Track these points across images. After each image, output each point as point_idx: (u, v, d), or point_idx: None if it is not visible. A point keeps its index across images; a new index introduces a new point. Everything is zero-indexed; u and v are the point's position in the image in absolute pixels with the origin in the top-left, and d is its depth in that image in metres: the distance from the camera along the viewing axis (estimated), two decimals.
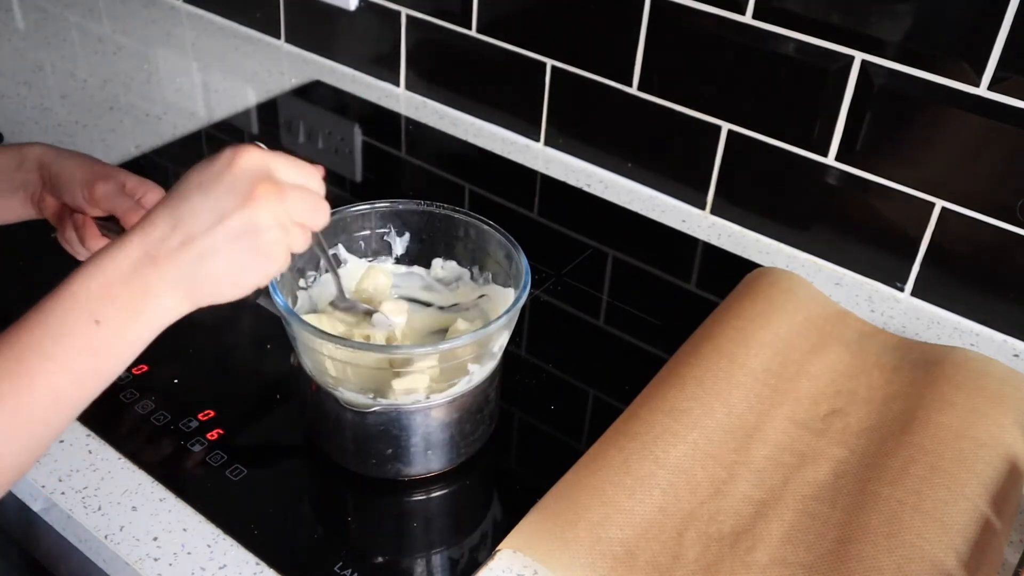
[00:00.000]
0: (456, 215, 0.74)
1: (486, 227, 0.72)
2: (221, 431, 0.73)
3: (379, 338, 0.71)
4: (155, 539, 0.65)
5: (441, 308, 0.76)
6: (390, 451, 0.68)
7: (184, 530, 0.66)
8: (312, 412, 0.71)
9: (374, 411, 0.66)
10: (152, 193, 0.71)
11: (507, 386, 0.76)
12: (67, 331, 0.51)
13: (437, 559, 0.67)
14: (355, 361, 0.66)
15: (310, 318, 0.69)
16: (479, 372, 0.67)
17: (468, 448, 0.71)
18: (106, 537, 0.65)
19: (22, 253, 0.88)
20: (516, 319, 0.67)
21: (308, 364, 0.67)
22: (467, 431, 0.70)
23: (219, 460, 0.71)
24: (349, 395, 0.66)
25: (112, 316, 0.52)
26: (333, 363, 0.66)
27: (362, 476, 0.70)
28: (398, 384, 0.65)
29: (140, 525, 0.66)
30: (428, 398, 0.66)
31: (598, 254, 0.97)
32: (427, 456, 0.69)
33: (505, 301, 0.71)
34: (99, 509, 0.67)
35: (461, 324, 0.73)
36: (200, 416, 0.74)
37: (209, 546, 0.65)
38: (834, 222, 0.95)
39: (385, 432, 0.67)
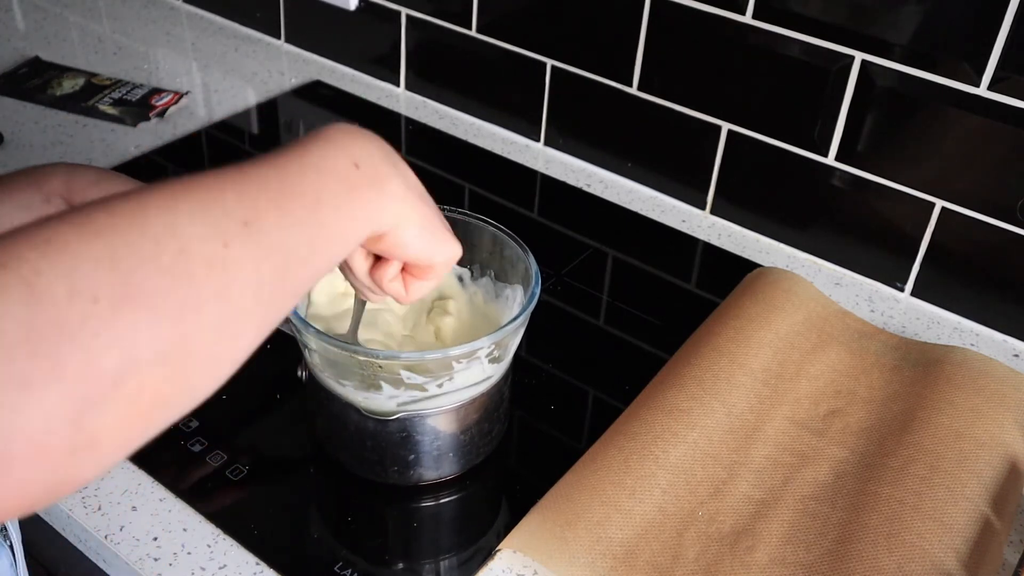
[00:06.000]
0: (469, 219, 0.74)
1: (496, 231, 0.73)
2: (222, 431, 0.73)
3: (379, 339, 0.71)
4: (155, 539, 0.65)
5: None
6: (412, 457, 0.68)
7: (184, 530, 0.66)
8: (328, 424, 0.70)
9: (396, 418, 0.65)
10: None
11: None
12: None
13: (445, 562, 0.67)
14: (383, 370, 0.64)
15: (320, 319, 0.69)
16: (497, 371, 0.67)
17: (487, 447, 0.72)
18: (106, 537, 0.65)
19: None
20: (527, 320, 0.67)
21: (326, 376, 0.66)
22: (486, 430, 0.70)
23: (219, 460, 0.71)
24: (371, 403, 0.65)
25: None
26: (359, 372, 0.65)
27: (362, 475, 0.70)
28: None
29: (140, 525, 0.66)
30: (441, 386, 0.65)
31: (598, 254, 0.97)
32: (449, 459, 0.69)
33: (512, 303, 0.72)
34: (99, 509, 0.67)
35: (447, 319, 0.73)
36: (200, 416, 0.74)
37: (209, 546, 0.65)
38: (834, 222, 0.95)
39: (408, 438, 0.67)
